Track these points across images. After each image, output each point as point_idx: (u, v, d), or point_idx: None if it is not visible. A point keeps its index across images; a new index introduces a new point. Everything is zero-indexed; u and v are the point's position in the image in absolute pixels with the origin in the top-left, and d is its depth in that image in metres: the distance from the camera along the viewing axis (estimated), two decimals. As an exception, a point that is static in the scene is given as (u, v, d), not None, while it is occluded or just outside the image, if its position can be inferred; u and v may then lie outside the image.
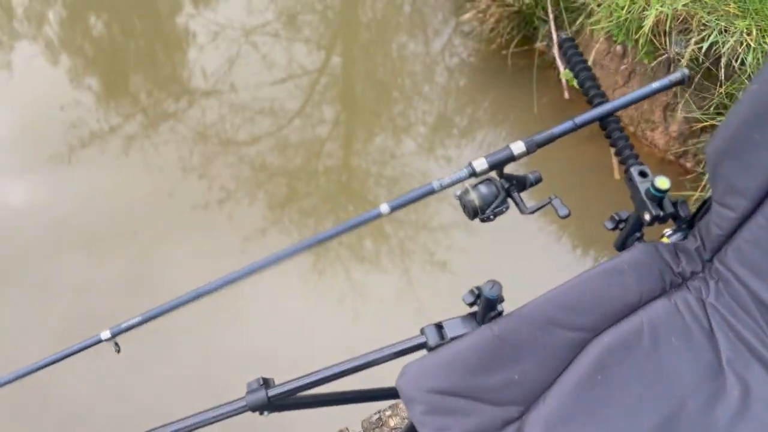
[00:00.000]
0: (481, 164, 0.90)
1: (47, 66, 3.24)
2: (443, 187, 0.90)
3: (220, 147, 2.82)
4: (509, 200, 0.94)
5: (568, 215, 0.91)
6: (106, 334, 0.84)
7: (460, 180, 0.90)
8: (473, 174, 0.91)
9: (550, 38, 2.82)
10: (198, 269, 2.38)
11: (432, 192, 0.90)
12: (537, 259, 2.34)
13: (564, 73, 2.73)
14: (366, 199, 2.70)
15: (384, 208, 0.90)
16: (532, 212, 0.93)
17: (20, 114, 2.97)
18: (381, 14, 3.54)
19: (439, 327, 0.86)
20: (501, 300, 0.83)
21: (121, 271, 2.39)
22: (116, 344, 0.85)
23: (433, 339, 0.85)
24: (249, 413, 0.86)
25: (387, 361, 0.86)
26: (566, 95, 2.77)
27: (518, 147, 0.91)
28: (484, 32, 2.99)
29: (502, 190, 0.93)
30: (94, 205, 2.61)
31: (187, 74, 3.18)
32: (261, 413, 0.86)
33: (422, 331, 0.86)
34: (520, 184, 0.94)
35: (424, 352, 0.86)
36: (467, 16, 3.01)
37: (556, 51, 2.76)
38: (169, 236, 2.52)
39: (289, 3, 3.48)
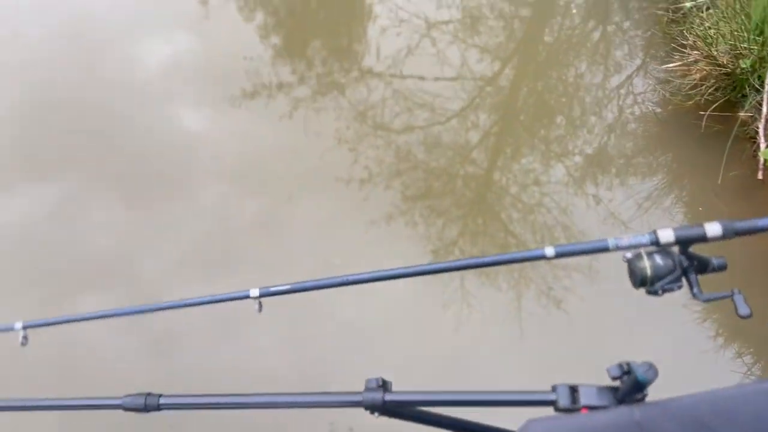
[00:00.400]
0: (667, 236, 0.83)
1: (239, 15, 3.48)
2: (618, 248, 0.84)
3: (372, 128, 2.88)
4: (683, 279, 0.86)
5: (749, 316, 0.82)
6: (254, 292, 0.88)
7: (639, 245, 0.83)
8: (655, 243, 0.84)
9: (758, 110, 2.56)
10: (321, 236, 2.50)
11: (605, 250, 0.84)
12: (665, 332, 2.15)
13: (764, 151, 2.47)
14: (498, 216, 2.65)
15: (549, 251, 0.85)
16: (707, 301, 0.84)
17: (206, 53, 3.23)
18: (567, 35, 3.42)
19: (573, 389, 0.81)
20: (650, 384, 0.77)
21: (256, 214, 2.60)
22: (260, 303, 0.89)
23: (564, 400, 0.80)
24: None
25: (509, 405, 0.83)
26: (760, 175, 2.51)
27: (714, 229, 0.82)
28: (683, 86, 2.77)
29: (678, 267, 0.85)
30: (251, 150, 2.81)
31: (363, 51, 3.28)
32: (372, 413, 0.86)
33: (553, 389, 0.82)
34: (702, 265, 0.86)
35: (550, 408, 0.81)
36: (672, 65, 2.81)
37: (761, 125, 2.50)
38: (306, 195, 2.65)
39: (477, 3, 3.47)
